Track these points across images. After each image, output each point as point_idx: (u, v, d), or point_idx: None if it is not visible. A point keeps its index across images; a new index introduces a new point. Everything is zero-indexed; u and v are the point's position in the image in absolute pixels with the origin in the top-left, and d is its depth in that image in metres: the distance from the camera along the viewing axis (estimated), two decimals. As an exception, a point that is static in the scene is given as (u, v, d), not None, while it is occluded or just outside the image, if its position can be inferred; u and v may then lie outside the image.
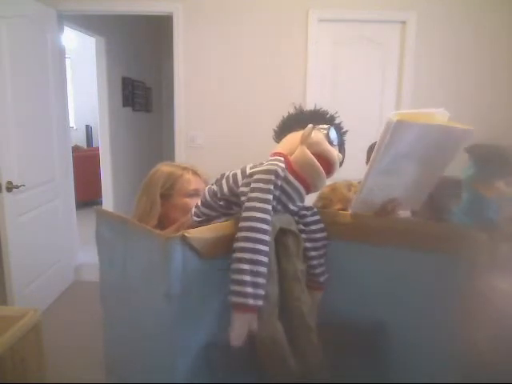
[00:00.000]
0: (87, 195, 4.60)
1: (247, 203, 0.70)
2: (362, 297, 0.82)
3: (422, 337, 0.79)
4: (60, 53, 3.02)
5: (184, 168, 1.23)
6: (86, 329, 2.22)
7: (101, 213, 0.88)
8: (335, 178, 0.95)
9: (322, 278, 0.80)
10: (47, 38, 2.78)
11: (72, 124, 5.77)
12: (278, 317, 0.72)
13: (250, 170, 0.75)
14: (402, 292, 0.79)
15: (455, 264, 0.76)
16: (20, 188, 2.38)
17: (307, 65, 2.93)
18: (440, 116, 0.79)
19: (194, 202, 0.86)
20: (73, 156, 3.38)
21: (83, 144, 6.29)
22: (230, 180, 0.78)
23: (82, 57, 5.77)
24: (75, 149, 4.59)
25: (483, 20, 2.83)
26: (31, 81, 2.59)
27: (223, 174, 0.80)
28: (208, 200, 0.81)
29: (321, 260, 0.80)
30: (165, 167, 1.23)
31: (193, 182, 1.20)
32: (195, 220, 0.84)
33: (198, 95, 3.01)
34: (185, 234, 0.66)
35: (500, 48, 2.86)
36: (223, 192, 0.78)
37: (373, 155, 0.76)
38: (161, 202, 1.18)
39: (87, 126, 6.41)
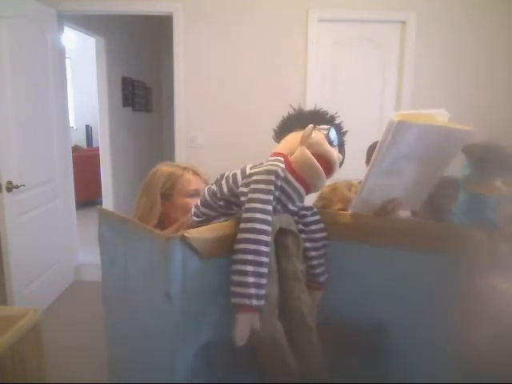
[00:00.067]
0: (87, 195, 4.61)
1: (248, 204, 0.70)
2: (362, 297, 0.82)
3: (422, 337, 0.79)
4: (60, 53, 3.02)
5: (184, 168, 1.23)
6: (86, 329, 2.23)
7: (103, 212, 0.88)
8: (335, 178, 0.95)
9: (322, 278, 0.80)
10: (47, 38, 2.78)
11: (72, 124, 5.77)
12: (278, 317, 0.72)
13: (250, 171, 0.75)
14: (402, 292, 0.79)
15: (455, 264, 0.76)
16: (20, 188, 2.38)
17: (307, 65, 2.93)
18: (440, 117, 0.79)
19: (195, 202, 0.86)
20: (73, 156, 3.38)
21: (83, 144, 6.30)
22: (230, 180, 0.78)
23: (82, 57, 5.77)
24: (75, 149, 4.59)
25: (483, 20, 2.83)
26: (31, 81, 2.59)
27: (223, 174, 0.80)
28: (208, 200, 0.81)
29: (321, 260, 0.80)
30: (165, 167, 1.23)
31: (193, 182, 1.20)
32: (195, 220, 0.84)
33: (198, 95, 3.01)
34: (184, 234, 0.65)
35: (500, 48, 2.86)
36: (223, 192, 0.78)
37: (374, 155, 0.76)
38: (161, 202, 1.18)
39: (87, 126, 6.41)
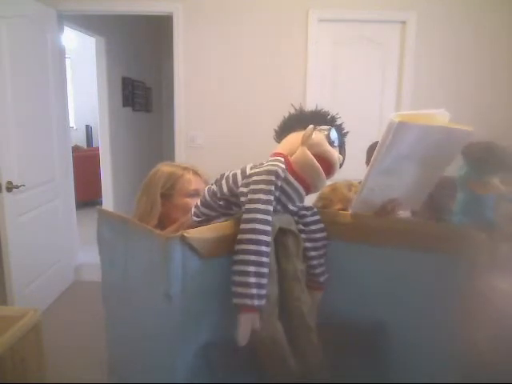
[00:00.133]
0: (87, 195, 4.61)
1: (249, 205, 0.70)
2: (362, 297, 0.82)
3: (422, 337, 0.79)
4: (60, 53, 3.02)
5: (184, 168, 1.23)
6: (86, 329, 2.23)
7: (102, 213, 0.88)
8: (335, 179, 0.95)
9: (322, 278, 0.80)
10: (47, 38, 2.78)
11: (72, 124, 5.77)
12: (278, 317, 0.72)
13: (251, 171, 0.75)
14: (402, 292, 0.79)
15: (455, 264, 0.76)
16: (20, 188, 2.38)
17: (307, 65, 2.93)
18: (441, 117, 0.79)
19: (195, 202, 0.86)
20: (73, 156, 3.38)
21: (83, 144, 6.29)
22: (230, 180, 0.78)
23: (82, 57, 5.77)
24: (75, 149, 4.59)
25: (483, 20, 2.83)
26: (31, 81, 2.59)
27: (223, 174, 0.80)
28: (207, 200, 0.81)
29: (321, 260, 0.80)
30: (165, 167, 1.23)
31: (193, 182, 1.21)
32: (195, 220, 0.84)
33: (198, 95, 3.01)
34: (184, 234, 0.65)
35: (500, 48, 2.86)
36: (223, 192, 0.78)
37: (374, 155, 0.76)
38: (161, 202, 1.18)
39: (87, 126, 6.41)
